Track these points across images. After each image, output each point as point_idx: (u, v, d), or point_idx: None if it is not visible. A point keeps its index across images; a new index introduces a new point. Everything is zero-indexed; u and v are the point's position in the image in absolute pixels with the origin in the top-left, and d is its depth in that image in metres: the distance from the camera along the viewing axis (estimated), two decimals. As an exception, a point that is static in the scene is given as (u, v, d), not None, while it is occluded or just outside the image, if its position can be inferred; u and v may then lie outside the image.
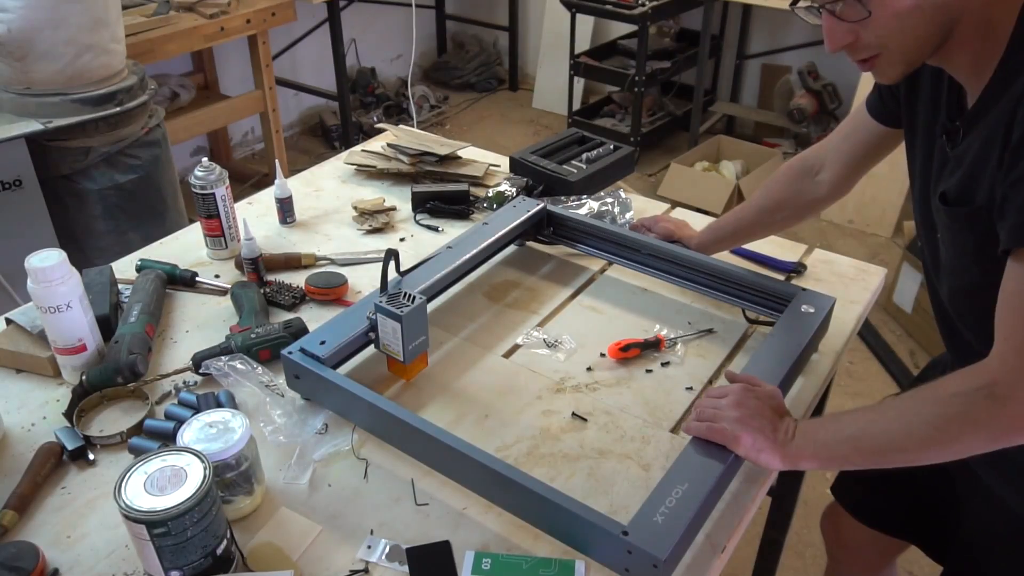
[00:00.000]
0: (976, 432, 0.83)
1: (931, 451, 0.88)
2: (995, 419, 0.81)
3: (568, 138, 1.82)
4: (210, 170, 1.47)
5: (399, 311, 1.12)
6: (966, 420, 0.83)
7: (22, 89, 1.95)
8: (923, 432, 0.86)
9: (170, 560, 0.85)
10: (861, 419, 0.93)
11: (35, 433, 1.13)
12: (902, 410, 0.89)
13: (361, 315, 1.20)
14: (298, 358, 1.12)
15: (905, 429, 0.88)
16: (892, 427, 0.89)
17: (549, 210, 1.51)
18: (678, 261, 1.38)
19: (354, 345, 1.19)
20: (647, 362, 1.27)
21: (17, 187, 1.94)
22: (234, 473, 0.97)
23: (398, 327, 1.13)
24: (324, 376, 1.10)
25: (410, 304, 1.13)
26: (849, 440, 0.93)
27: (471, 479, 1.01)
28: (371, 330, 1.18)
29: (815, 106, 3.85)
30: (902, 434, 0.88)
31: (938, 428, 0.85)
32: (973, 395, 0.82)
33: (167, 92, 3.26)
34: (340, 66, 3.82)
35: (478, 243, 1.39)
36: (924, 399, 0.88)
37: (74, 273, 1.16)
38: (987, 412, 0.81)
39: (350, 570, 0.94)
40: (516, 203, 1.51)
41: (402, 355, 1.15)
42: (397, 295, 1.15)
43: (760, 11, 4.06)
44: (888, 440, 0.90)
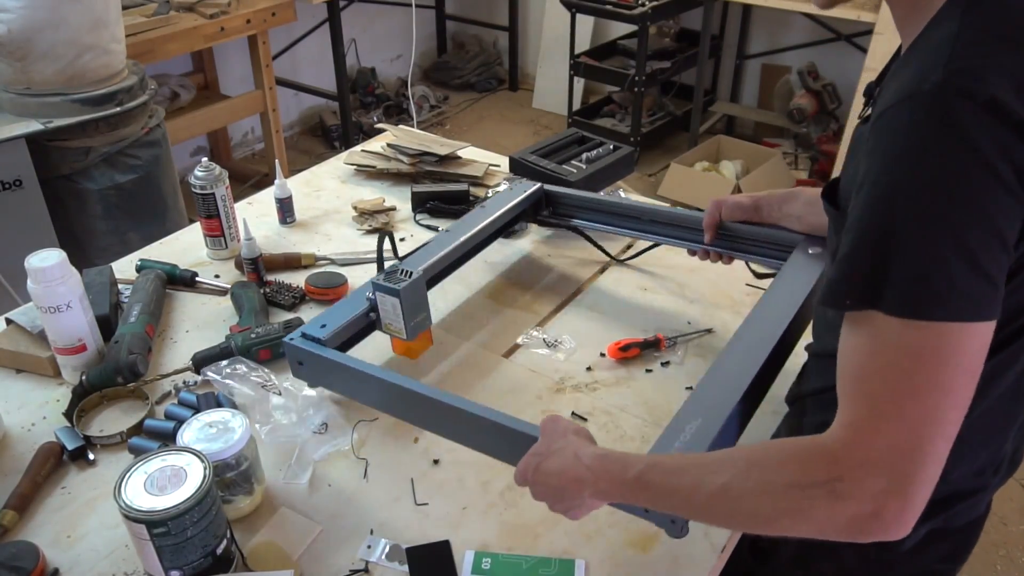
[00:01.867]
0: (809, 529, 0.70)
1: (754, 531, 0.78)
2: (832, 519, 0.68)
3: (568, 138, 1.82)
4: (210, 170, 1.47)
5: (396, 286, 1.12)
6: (801, 517, 0.70)
7: (22, 89, 1.95)
8: (748, 520, 0.75)
9: (170, 560, 0.85)
10: (679, 488, 0.78)
11: (35, 433, 1.13)
12: (727, 491, 0.74)
13: (360, 299, 1.19)
14: (300, 343, 1.12)
15: (728, 512, 0.75)
16: (713, 506, 0.76)
17: (546, 190, 1.49)
18: (679, 223, 1.35)
19: (355, 327, 1.18)
20: (647, 362, 1.27)
21: (17, 187, 1.94)
22: (234, 473, 0.97)
23: (397, 303, 1.12)
24: (328, 358, 1.09)
25: (407, 279, 1.13)
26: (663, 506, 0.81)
27: (486, 442, 1.00)
28: (372, 310, 1.18)
29: (815, 106, 3.85)
30: (723, 514, 0.77)
31: (767, 519, 0.72)
32: (812, 491, 0.68)
33: (167, 92, 3.26)
34: (340, 66, 3.82)
35: (475, 224, 1.38)
36: (755, 484, 0.72)
37: (74, 273, 1.16)
38: (825, 511, 0.68)
39: (350, 570, 0.94)
40: (513, 185, 1.50)
41: (404, 332, 1.15)
42: (394, 272, 1.15)
43: (760, 11, 4.06)
44: (707, 515, 0.79)
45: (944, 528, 0.91)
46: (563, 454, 0.85)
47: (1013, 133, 0.64)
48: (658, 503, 0.81)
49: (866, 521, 0.67)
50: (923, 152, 0.65)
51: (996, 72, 0.65)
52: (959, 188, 0.64)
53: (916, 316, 0.65)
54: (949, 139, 0.64)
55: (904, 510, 0.66)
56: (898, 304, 0.66)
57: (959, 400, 0.66)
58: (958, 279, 0.64)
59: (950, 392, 0.66)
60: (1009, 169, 0.64)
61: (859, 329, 0.69)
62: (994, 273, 0.65)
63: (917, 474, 0.66)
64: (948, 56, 0.66)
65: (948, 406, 0.66)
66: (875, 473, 0.66)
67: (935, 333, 0.65)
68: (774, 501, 0.71)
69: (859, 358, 0.69)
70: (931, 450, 0.66)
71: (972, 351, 0.66)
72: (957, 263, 0.64)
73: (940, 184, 0.65)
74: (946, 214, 0.64)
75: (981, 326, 0.66)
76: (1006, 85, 0.64)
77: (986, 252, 0.65)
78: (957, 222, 0.64)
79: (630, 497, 0.81)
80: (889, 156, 0.67)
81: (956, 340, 0.65)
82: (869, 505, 0.66)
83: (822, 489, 0.68)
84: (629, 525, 1.00)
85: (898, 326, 0.66)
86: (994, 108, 0.63)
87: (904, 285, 0.65)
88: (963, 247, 0.64)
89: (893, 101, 0.68)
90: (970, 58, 0.66)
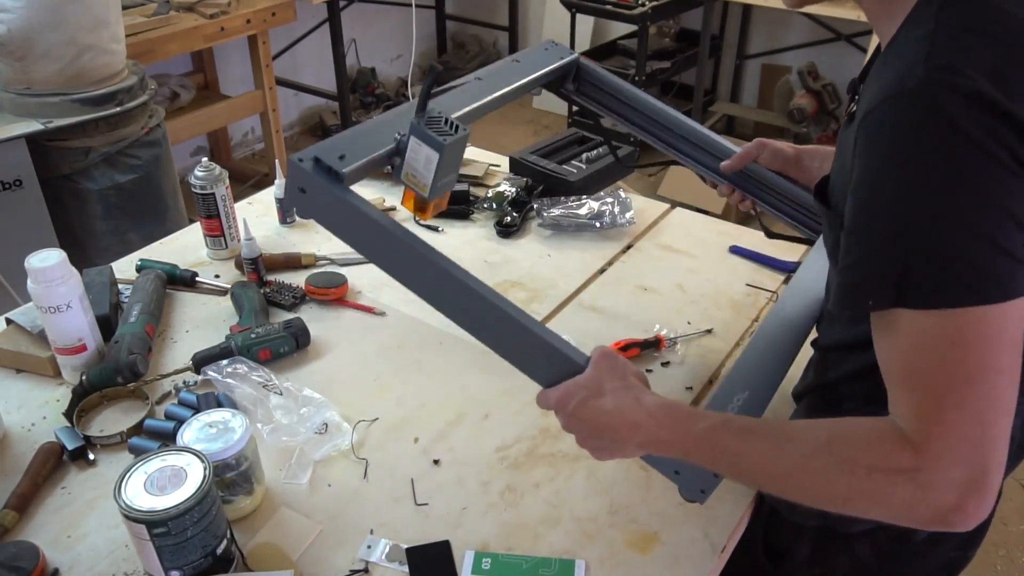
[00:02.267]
0: (883, 512, 0.72)
1: (818, 505, 0.76)
2: (913, 507, 0.69)
3: (568, 138, 1.82)
4: (210, 170, 1.47)
5: (442, 139, 0.92)
6: (880, 501, 0.71)
7: (22, 89, 1.95)
8: (822, 495, 0.74)
9: (170, 560, 0.85)
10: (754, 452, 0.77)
11: (35, 433, 1.13)
12: (808, 463, 0.74)
13: (388, 134, 0.98)
14: (309, 168, 0.92)
15: (802, 484, 0.75)
16: (787, 476, 0.75)
17: (581, 63, 1.32)
18: (710, 149, 1.24)
19: (374, 166, 0.98)
20: (647, 362, 1.27)
21: (17, 187, 1.94)
22: (234, 473, 0.97)
23: (435, 157, 0.93)
24: (339, 196, 0.92)
25: (454, 134, 0.93)
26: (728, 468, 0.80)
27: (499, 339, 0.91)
28: (396, 154, 0.98)
29: (815, 106, 3.85)
30: (795, 486, 0.76)
31: (844, 498, 0.72)
32: (896, 477, 0.69)
33: (167, 92, 3.26)
34: (340, 66, 3.82)
35: (508, 80, 1.21)
36: (837, 462, 0.72)
37: (74, 273, 1.16)
38: (906, 498, 0.69)
39: (350, 570, 0.94)
40: (548, 46, 1.33)
41: (428, 190, 0.97)
42: (438, 120, 0.94)
43: (760, 11, 4.06)
44: (775, 484, 0.77)
45: None
46: (623, 395, 0.82)
47: (1000, 121, 0.65)
48: (721, 464, 0.79)
49: (950, 512, 0.68)
50: (918, 147, 0.67)
51: (976, 66, 0.66)
52: (962, 174, 0.65)
53: (948, 306, 0.66)
54: (941, 132, 0.66)
55: (984, 498, 0.68)
56: (927, 298, 0.67)
57: (1012, 376, 0.68)
58: (981, 263, 0.65)
59: (1002, 371, 0.67)
60: (1005, 153, 0.65)
61: (893, 328, 0.70)
62: (1015, 250, 0.66)
63: (991, 459, 0.68)
64: (927, 53, 0.67)
65: (1004, 384, 0.67)
66: (953, 464, 0.67)
67: (973, 319, 0.66)
68: (855, 481, 0.71)
69: (904, 356, 0.70)
70: (998, 432, 0.68)
71: (1011, 327, 0.67)
72: (977, 247, 0.65)
73: (944, 175, 0.66)
74: (955, 201, 0.66)
75: (1015, 303, 0.67)
76: (986, 77, 0.66)
77: (1002, 232, 0.66)
78: (967, 207, 0.66)
79: (692, 452, 0.79)
80: (882, 155, 0.69)
81: (994, 321, 0.66)
82: (952, 496, 0.68)
83: (903, 476, 0.69)
84: (629, 525, 1.00)
85: (935, 319, 0.67)
86: (978, 99, 0.65)
87: (930, 279, 0.66)
88: (978, 231, 0.65)
89: (878, 101, 0.69)
90: (949, 53, 0.67)
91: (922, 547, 0.94)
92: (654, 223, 1.65)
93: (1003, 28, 0.70)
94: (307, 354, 1.28)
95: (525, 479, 1.06)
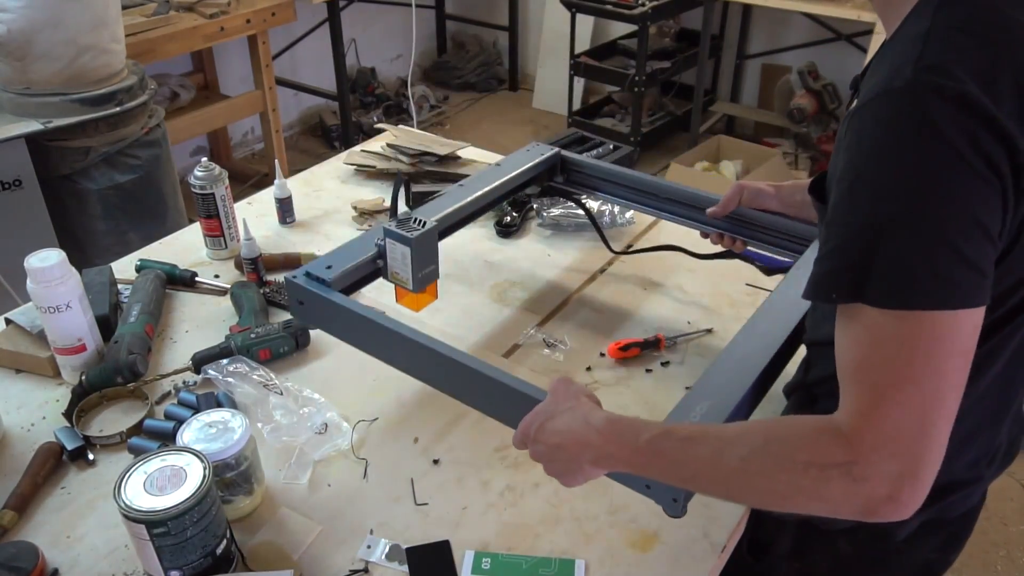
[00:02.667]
0: (823, 507, 0.72)
1: (764, 506, 0.79)
2: (848, 499, 0.70)
3: (568, 138, 1.82)
4: (210, 170, 1.47)
5: (409, 234, 1.08)
6: (818, 496, 0.71)
7: (22, 89, 1.95)
8: (763, 495, 0.75)
9: (170, 560, 0.85)
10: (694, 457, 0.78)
11: (35, 433, 1.13)
12: (746, 464, 0.74)
13: (370, 242, 1.16)
14: (303, 282, 1.08)
15: (743, 485, 0.76)
16: (727, 479, 0.76)
17: (563, 155, 1.46)
18: (695, 203, 1.33)
19: (361, 272, 1.15)
20: (647, 362, 1.27)
21: (17, 187, 1.94)
22: (234, 473, 0.97)
23: (407, 252, 1.09)
24: (330, 300, 1.06)
25: (420, 228, 1.09)
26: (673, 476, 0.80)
27: (490, 401, 0.97)
28: (379, 257, 1.14)
29: (815, 106, 3.85)
30: (737, 488, 0.76)
31: (783, 496, 0.73)
32: (831, 471, 0.70)
33: (167, 92, 3.26)
34: (340, 66, 3.82)
35: (490, 182, 1.35)
36: (775, 460, 0.73)
37: (74, 273, 1.16)
38: (841, 492, 0.70)
39: (350, 570, 0.94)
40: (530, 147, 1.47)
41: (411, 283, 1.11)
42: (407, 220, 1.11)
43: (760, 11, 4.06)
44: (719, 488, 0.78)
45: (939, 519, 0.92)
46: (572, 414, 0.84)
47: (983, 126, 0.65)
48: (668, 473, 0.80)
49: (881, 503, 0.69)
50: (899, 147, 0.67)
51: (965, 68, 0.67)
52: (935, 180, 0.66)
53: (907, 307, 0.67)
54: (922, 134, 0.66)
55: (916, 490, 0.69)
56: (888, 296, 0.68)
57: (956, 382, 0.69)
58: (941, 268, 0.66)
59: (946, 376, 0.68)
60: (982, 161, 0.65)
61: (853, 322, 0.71)
62: (978, 260, 0.67)
63: (926, 456, 0.68)
64: (919, 53, 0.68)
65: (946, 389, 0.68)
66: (887, 457, 0.68)
67: (926, 322, 0.67)
68: (793, 478, 0.72)
69: (858, 350, 0.71)
70: (935, 432, 0.68)
71: (963, 336, 0.68)
72: (939, 253, 0.66)
73: (918, 178, 0.66)
74: (924, 206, 0.66)
75: (970, 312, 0.68)
76: (975, 80, 0.66)
77: (967, 240, 0.66)
78: (936, 213, 0.66)
79: (639, 465, 0.80)
80: (865, 151, 0.69)
81: (946, 327, 0.67)
82: (885, 488, 0.68)
83: (839, 470, 0.70)
84: (629, 525, 1.00)
85: (890, 318, 0.68)
86: (963, 103, 0.65)
87: (889, 278, 0.67)
88: (944, 237, 0.66)
89: (868, 98, 0.70)
90: (940, 54, 0.68)
91: (902, 546, 0.95)
92: (654, 223, 1.65)
93: (999, 30, 0.70)
94: (307, 354, 1.28)
95: (525, 479, 1.06)
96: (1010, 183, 0.67)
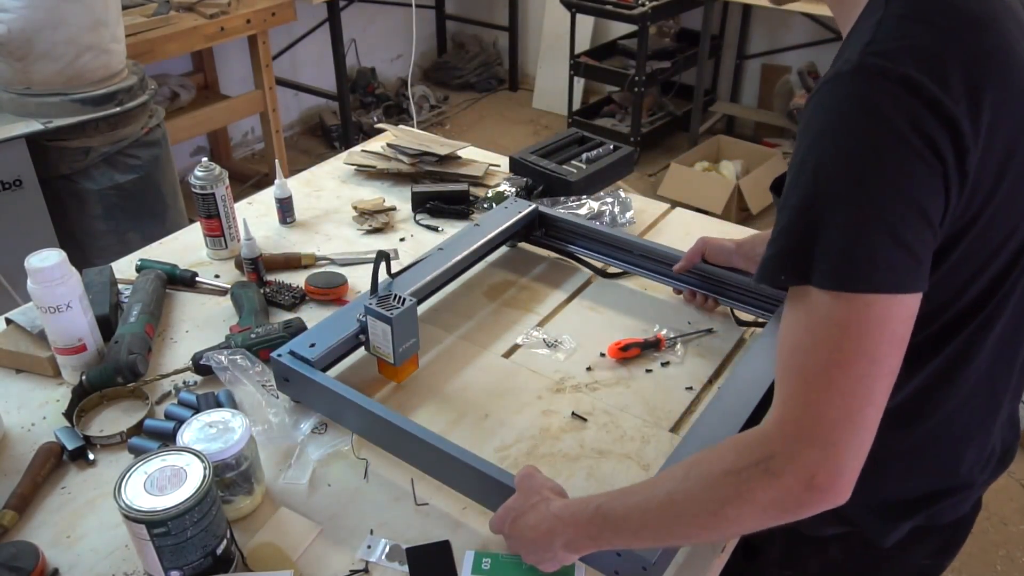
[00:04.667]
0: (753, 512, 0.72)
1: (709, 535, 0.78)
2: (770, 496, 0.70)
3: (568, 138, 1.82)
4: (210, 170, 1.47)
5: (389, 313, 1.11)
6: (742, 501, 0.71)
7: (22, 89, 1.95)
8: (697, 519, 0.75)
9: (170, 560, 0.85)
10: (633, 507, 0.80)
11: (35, 433, 1.13)
12: (673, 495, 0.77)
13: (351, 317, 1.19)
14: (287, 361, 1.12)
15: (677, 517, 0.77)
16: (664, 516, 0.78)
17: (541, 211, 1.50)
18: (667, 261, 1.36)
19: (344, 348, 1.18)
20: (647, 362, 1.27)
21: (17, 187, 1.94)
22: (234, 473, 0.97)
23: (388, 329, 1.12)
24: (313, 379, 1.09)
25: (400, 306, 1.13)
26: (626, 533, 0.81)
27: (463, 483, 1.01)
28: (361, 332, 1.18)
29: (815, 106, 3.85)
30: (675, 522, 0.77)
31: (713, 513, 0.73)
32: (747, 472, 0.71)
33: (167, 92, 3.26)
34: (340, 66, 3.82)
35: (469, 244, 1.39)
36: (695, 480, 0.75)
37: (74, 273, 1.16)
38: (762, 490, 0.70)
39: (350, 570, 0.94)
40: (508, 203, 1.51)
41: (392, 357, 1.15)
42: (387, 297, 1.14)
43: (760, 11, 4.06)
44: (663, 529, 0.79)
45: (928, 526, 0.92)
46: (536, 510, 0.88)
47: (925, 108, 0.66)
48: (620, 534, 0.82)
49: (802, 492, 0.69)
50: (842, 129, 0.68)
51: (911, 52, 0.67)
52: (876, 163, 0.67)
53: (841, 288, 0.67)
54: (865, 116, 0.67)
55: (836, 475, 0.68)
56: (825, 277, 0.68)
57: (886, 369, 0.69)
58: (879, 252, 0.67)
59: (876, 361, 0.68)
60: (923, 143, 0.66)
61: (796, 304, 0.72)
62: (916, 246, 0.68)
63: (848, 440, 0.68)
64: (869, 40, 0.69)
65: (875, 375, 0.68)
66: (807, 444, 0.68)
67: (861, 304, 0.67)
68: (713, 491, 0.73)
69: (794, 333, 0.72)
70: (860, 418, 0.68)
71: (898, 321, 0.68)
72: (878, 236, 0.66)
73: (858, 159, 0.67)
74: (865, 189, 0.67)
75: (906, 298, 0.68)
76: (921, 64, 0.67)
77: (907, 225, 0.67)
78: (876, 196, 0.67)
79: (595, 535, 0.83)
80: (812, 134, 0.70)
81: (881, 311, 0.67)
82: (802, 475, 0.68)
83: (756, 469, 0.70)
84: (629, 525, 1.00)
85: (828, 299, 0.68)
86: (906, 85, 0.66)
87: (829, 259, 0.68)
88: (883, 220, 0.66)
89: (820, 83, 0.71)
90: (887, 40, 0.69)
91: (893, 552, 0.94)
92: (654, 223, 1.65)
93: (948, 19, 0.70)
94: (307, 354, 1.28)
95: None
96: (952, 166, 0.67)
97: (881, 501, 0.91)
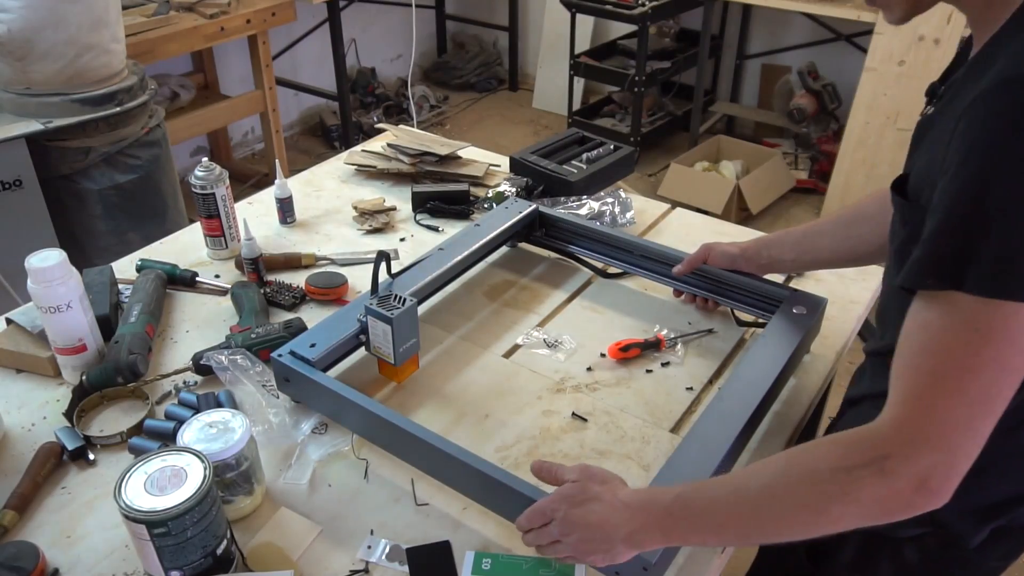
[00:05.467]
0: (857, 511, 0.71)
1: (803, 533, 0.76)
2: (877, 496, 0.69)
3: (568, 138, 1.82)
4: (210, 170, 1.47)
5: (389, 313, 1.11)
6: (849, 499, 0.70)
7: (22, 89, 1.95)
8: (798, 516, 0.74)
9: (170, 560, 0.85)
10: (721, 499, 0.79)
11: (35, 433, 1.13)
12: (772, 489, 0.75)
13: (352, 317, 1.19)
14: (288, 361, 1.12)
15: (773, 512, 0.75)
16: (757, 511, 0.76)
17: (541, 211, 1.50)
18: (668, 261, 1.36)
19: (345, 348, 1.18)
20: (647, 362, 1.27)
21: (17, 187, 1.94)
22: (234, 473, 0.97)
23: (388, 329, 1.12)
24: (314, 379, 1.09)
25: (400, 307, 1.13)
26: (706, 527, 0.80)
27: (464, 483, 1.01)
28: (361, 332, 1.18)
29: (815, 106, 3.85)
30: (769, 517, 0.76)
31: (816, 511, 0.72)
32: (859, 471, 0.69)
33: (167, 92, 3.26)
34: (340, 66, 3.82)
35: (470, 244, 1.39)
36: (799, 476, 0.74)
37: (74, 273, 1.16)
38: (872, 490, 0.69)
39: (350, 570, 0.94)
40: (508, 204, 1.51)
41: (393, 357, 1.15)
42: (388, 297, 1.14)
43: (760, 11, 4.06)
44: (752, 524, 0.77)
45: (1007, 527, 0.92)
46: (602, 498, 0.85)
47: None
48: (698, 528, 0.80)
49: (912, 494, 0.69)
50: (1013, 135, 0.66)
51: None
52: None
53: (996, 295, 0.67)
54: None
55: (947, 479, 0.69)
56: (981, 283, 0.67)
57: (1013, 379, 0.69)
58: None
59: (1007, 370, 0.68)
60: None
61: (932, 307, 0.71)
62: None
63: (966, 446, 0.68)
64: None
65: (1004, 384, 0.68)
66: (925, 447, 0.68)
67: (1009, 312, 0.67)
68: (819, 488, 0.72)
69: (926, 335, 0.71)
70: (980, 424, 0.68)
71: None
72: None
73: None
74: None
75: None
76: None
77: None
78: None
79: (669, 528, 0.81)
80: (982, 139, 0.68)
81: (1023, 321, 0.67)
82: (916, 478, 0.68)
83: (869, 469, 0.69)
84: (629, 525, 0.99)
85: (974, 304, 0.68)
86: None
87: (990, 265, 0.67)
88: None
89: (988, 86, 0.69)
90: None
91: (970, 554, 0.93)
92: (654, 223, 1.65)
93: None
94: (307, 354, 1.28)
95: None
96: None
97: (976, 503, 0.90)
